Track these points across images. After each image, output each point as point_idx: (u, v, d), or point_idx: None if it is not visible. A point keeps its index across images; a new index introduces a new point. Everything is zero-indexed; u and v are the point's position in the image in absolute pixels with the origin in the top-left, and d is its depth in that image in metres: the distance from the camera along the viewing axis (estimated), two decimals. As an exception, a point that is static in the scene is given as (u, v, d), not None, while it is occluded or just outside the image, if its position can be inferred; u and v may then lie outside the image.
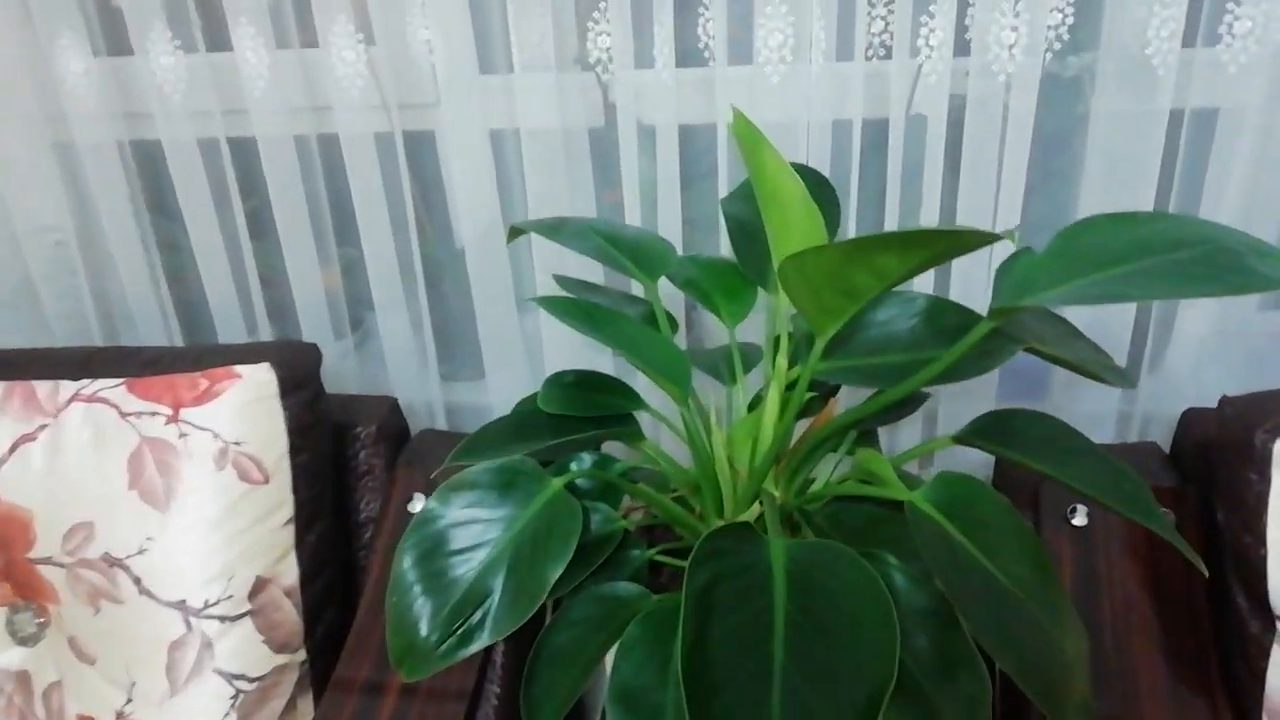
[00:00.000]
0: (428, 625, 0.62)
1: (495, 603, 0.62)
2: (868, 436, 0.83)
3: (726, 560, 0.52)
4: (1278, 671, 0.75)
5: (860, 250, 0.49)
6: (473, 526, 0.64)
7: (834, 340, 0.75)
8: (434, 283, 1.18)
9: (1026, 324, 0.70)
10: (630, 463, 0.77)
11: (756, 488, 0.70)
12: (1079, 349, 0.77)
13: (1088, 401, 1.07)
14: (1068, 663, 0.57)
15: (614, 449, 0.87)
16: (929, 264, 0.51)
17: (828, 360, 0.72)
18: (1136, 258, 0.57)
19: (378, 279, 1.14)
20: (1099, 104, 0.95)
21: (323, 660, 0.96)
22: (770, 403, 0.70)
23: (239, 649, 0.90)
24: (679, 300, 1.11)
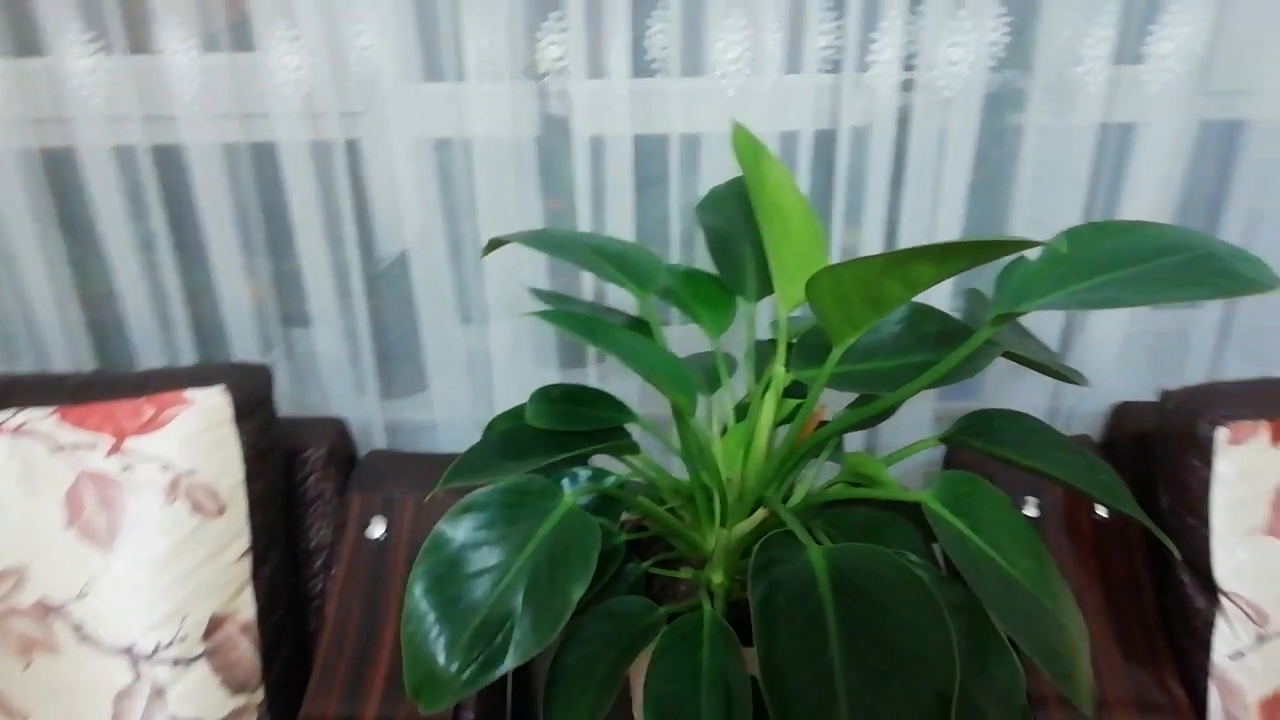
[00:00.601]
0: (446, 654, 0.60)
1: (517, 625, 0.60)
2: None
3: (779, 569, 0.53)
4: (1223, 641, 0.81)
5: (899, 261, 0.51)
6: (485, 549, 0.63)
7: (819, 345, 0.77)
8: (372, 296, 1.14)
9: (1004, 330, 0.74)
10: (624, 475, 0.76)
11: (758, 495, 0.70)
12: (1041, 352, 0.81)
13: (1017, 397, 1.13)
14: (1075, 645, 0.60)
15: (602, 462, 0.87)
16: (958, 273, 0.53)
17: (819, 368, 0.74)
18: (1127, 264, 0.61)
19: (315, 292, 1.10)
20: (1031, 119, 1.00)
21: (281, 698, 0.91)
22: (766, 409, 0.71)
23: (194, 693, 0.84)
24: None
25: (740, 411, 0.79)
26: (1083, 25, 0.95)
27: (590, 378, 1.15)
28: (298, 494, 0.99)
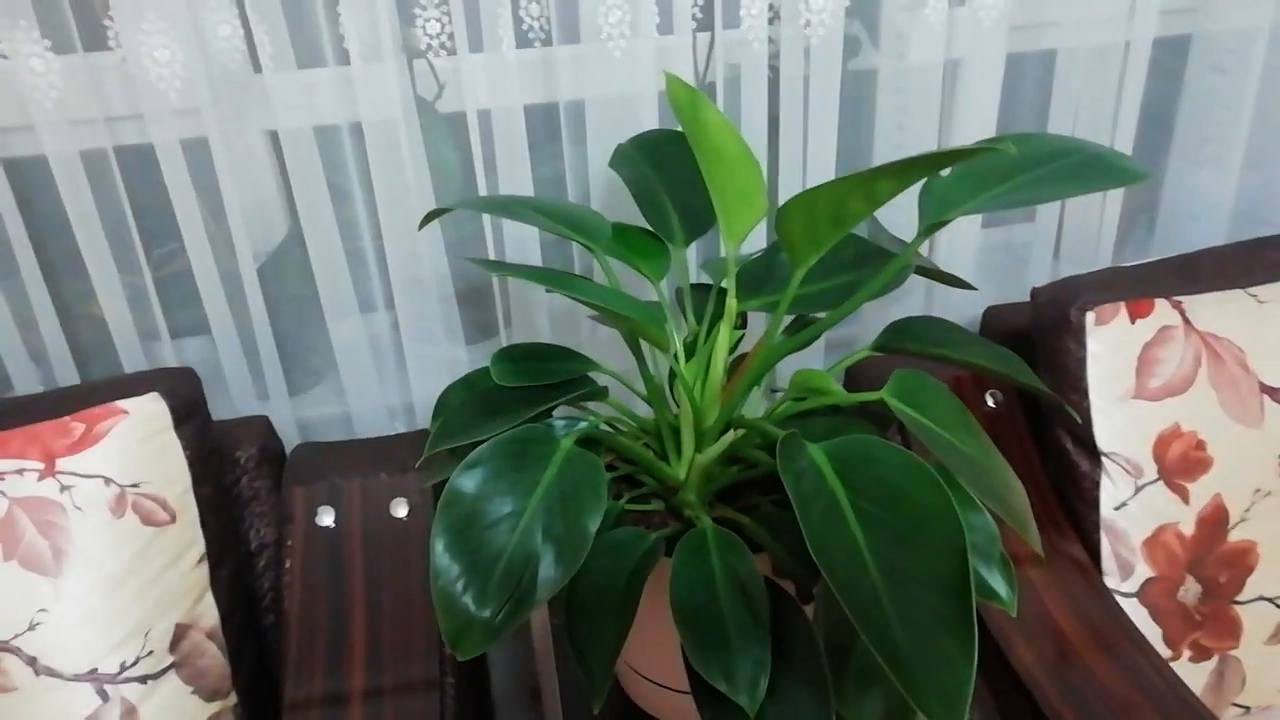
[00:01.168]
0: (477, 602, 0.62)
1: (541, 563, 0.63)
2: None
3: (794, 464, 0.59)
4: (1108, 496, 0.95)
5: (865, 180, 0.58)
6: (497, 499, 0.65)
7: (754, 279, 0.84)
8: (265, 292, 1.11)
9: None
10: (596, 419, 0.80)
11: (728, 419, 0.76)
12: (932, 265, 0.91)
13: (895, 306, 1.25)
14: (1022, 499, 0.69)
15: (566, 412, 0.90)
16: (912, 184, 0.60)
17: (760, 297, 0.81)
18: (1029, 169, 0.70)
19: (204, 296, 1.06)
20: (885, 61, 1.11)
21: (252, 700, 0.90)
22: (721, 338, 0.77)
23: (168, 707, 0.82)
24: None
25: (688, 348, 0.84)
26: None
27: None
28: (232, 496, 0.96)
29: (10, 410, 0.83)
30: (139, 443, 0.81)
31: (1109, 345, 0.92)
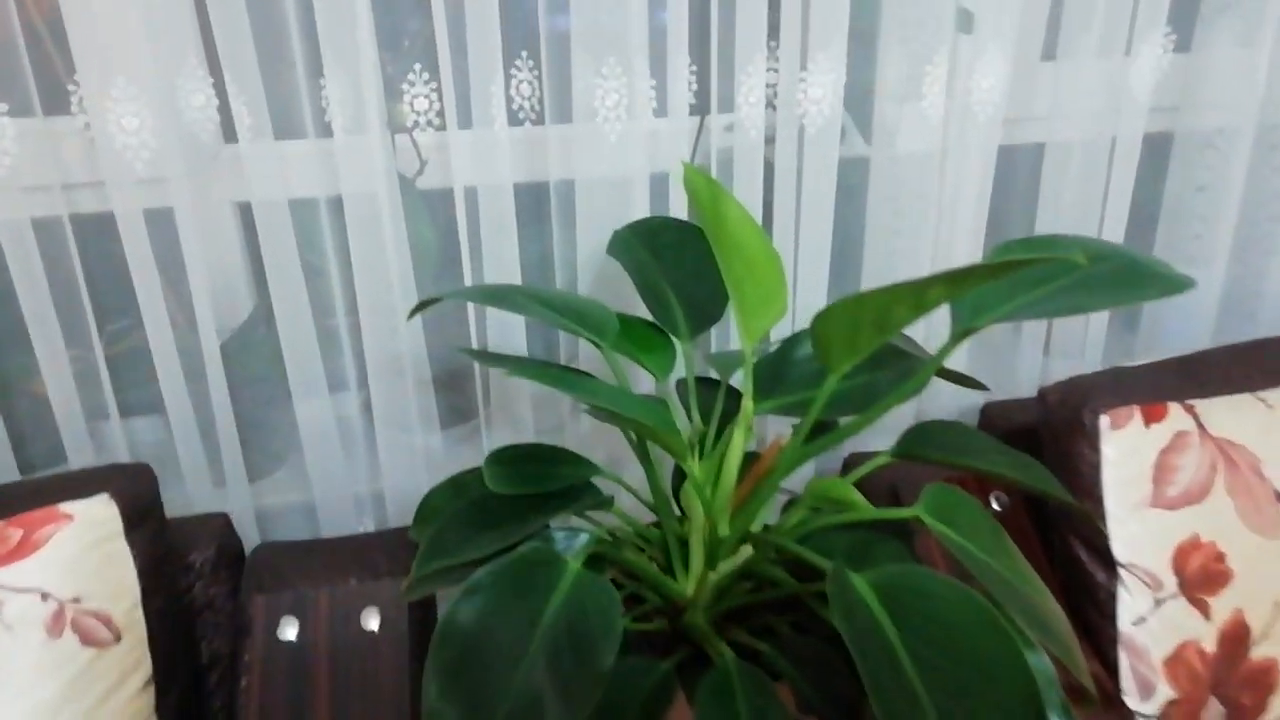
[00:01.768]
0: (476, 752, 0.55)
1: (547, 707, 0.56)
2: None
3: (843, 600, 0.53)
4: (1125, 609, 0.90)
5: (917, 288, 0.53)
6: (498, 632, 0.58)
7: (766, 379, 0.79)
8: (227, 371, 1.03)
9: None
10: (598, 531, 0.74)
11: (743, 531, 0.70)
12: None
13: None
14: (1066, 627, 0.64)
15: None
16: (961, 294, 0.56)
17: (775, 399, 0.76)
18: (1064, 273, 0.67)
19: (160, 374, 0.98)
20: (877, 151, 1.08)
21: (198, 842, 0.80)
22: (736, 443, 0.72)
23: None
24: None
25: (695, 450, 0.79)
26: (917, 65, 1.04)
27: (483, 437, 1.11)
28: (184, 605, 0.87)
29: (-64, 512, 0.74)
30: (83, 551, 0.72)
31: (1124, 450, 0.89)
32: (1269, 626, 0.90)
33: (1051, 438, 0.93)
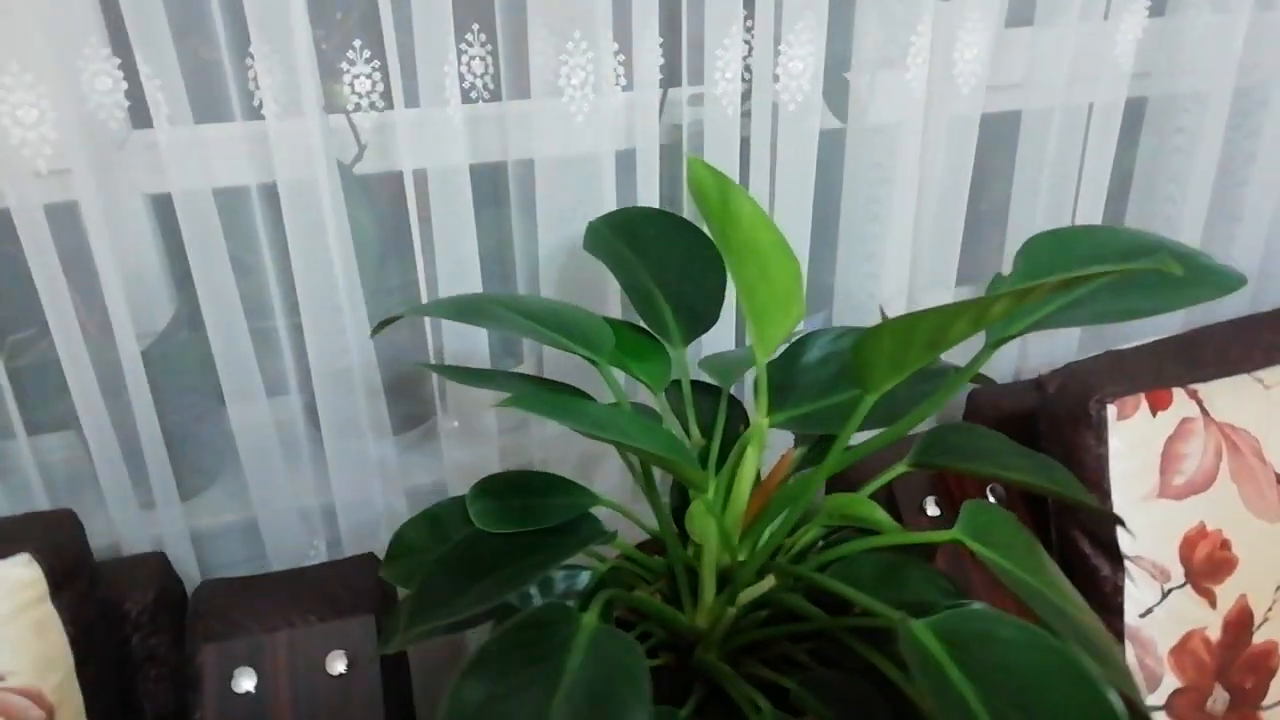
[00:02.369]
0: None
1: (574, 788, 0.49)
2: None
3: (917, 659, 0.47)
4: (1132, 603, 0.87)
5: (978, 305, 0.47)
6: (512, 703, 0.51)
7: (774, 389, 0.72)
8: (150, 378, 0.92)
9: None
10: (602, 566, 0.66)
11: (763, 560, 0.64)
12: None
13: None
14: (1110, 642, 0.60)
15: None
16: (1025, 307, 0.50)
17: (785, 411, 0.69)
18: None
19: (75, 385, 0.87)
20: (854, 123, 1.02)
21: None
22: (748, 464, 0.65)
23: None
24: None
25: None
26: (897, 35, 0.98)
27: (441, 442, 1.02)
28: (121, 663, 0.77)
29: None
30: (4, 623, 0.62)
31: (1131, 441, 0.85)
32: (1270, 610, 0.89)
33: (1052, 428, 0.90)
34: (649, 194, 0.97)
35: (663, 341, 0.74)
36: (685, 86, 0.97)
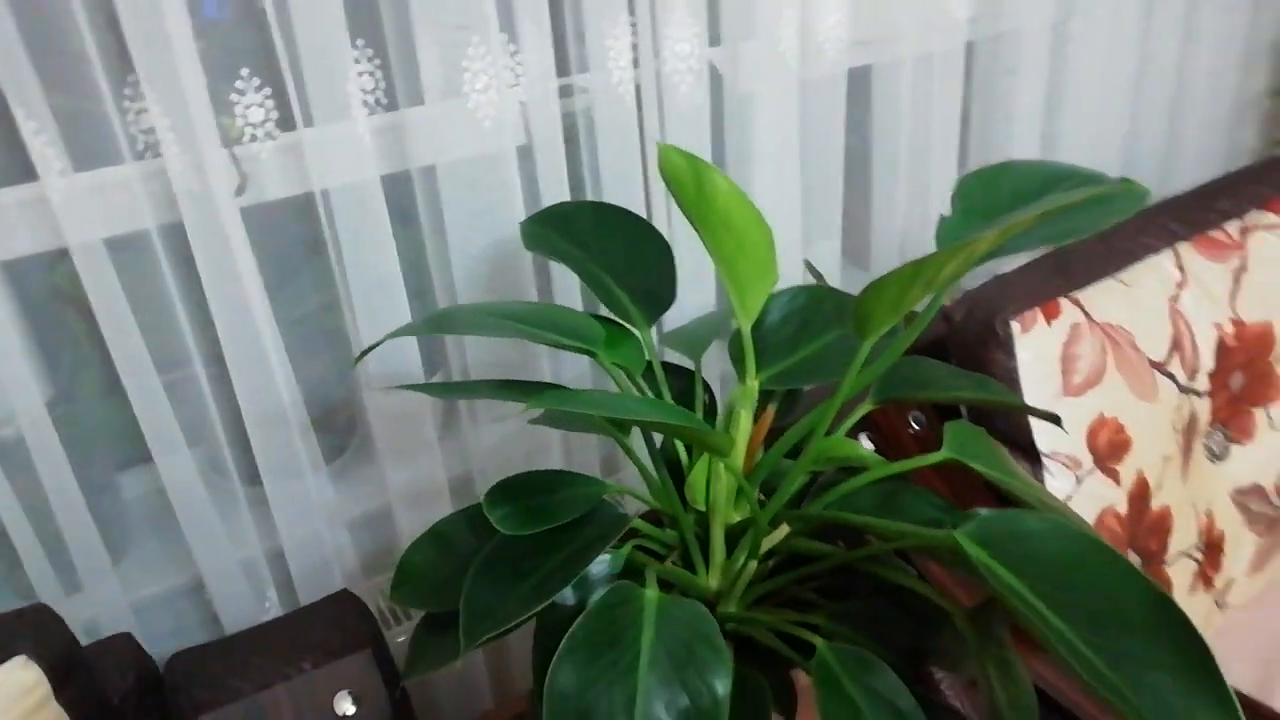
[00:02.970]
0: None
1: (679, 752, 0.52)
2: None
3: (956, 560, 0.52)
4: (1054, 494, 0.97)
5: (970, 245, 0.52)
6: (600, 685, 0.52)
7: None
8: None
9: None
10: (625, 549, 0.68)
11: (776, 511, 0.68)
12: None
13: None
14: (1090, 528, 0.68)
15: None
16: (1006, 240, 0.56)
17: (767, 369, 0.73)
18: (1029, 200, 0.69)
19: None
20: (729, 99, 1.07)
21: None
22: (743, 424, 0.69)
23: None
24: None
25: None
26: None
27: (381, 466, 1.00)
28: (109, 751, 0.72)
29: None
30: (10, 732, 0.57)
31: (1035, 351, 0.95)
32: (1161, 478, 1.01)
33: (964, 350, 0.98)
34: (558, 187, 0.98)
35: (627, 326, 0.76)
36: (574, 75, 0.99)
